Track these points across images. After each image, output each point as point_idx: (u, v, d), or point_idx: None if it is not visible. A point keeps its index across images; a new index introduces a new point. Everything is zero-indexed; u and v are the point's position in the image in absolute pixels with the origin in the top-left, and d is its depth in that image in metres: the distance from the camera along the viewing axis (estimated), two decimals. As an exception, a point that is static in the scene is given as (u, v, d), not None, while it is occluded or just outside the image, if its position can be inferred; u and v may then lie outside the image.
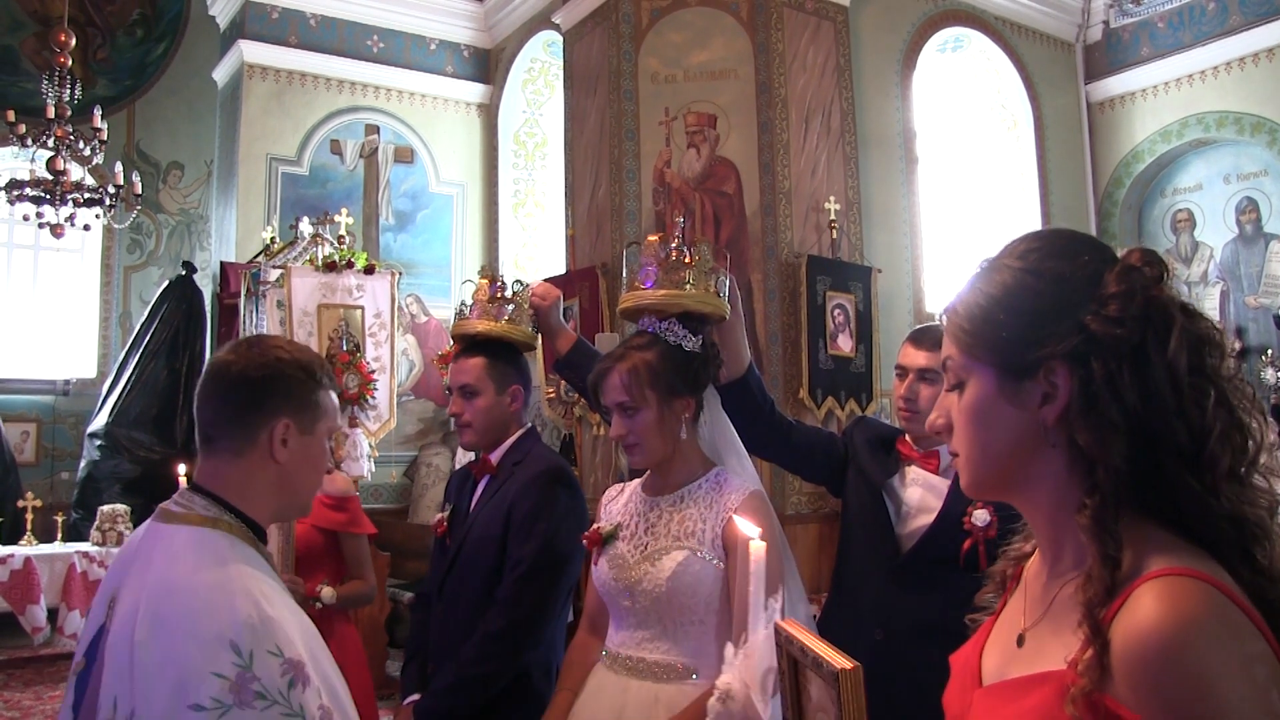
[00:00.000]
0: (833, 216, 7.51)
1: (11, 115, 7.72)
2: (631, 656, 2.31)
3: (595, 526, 2.49)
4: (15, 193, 7.76)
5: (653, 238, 2.60)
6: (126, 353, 9.61)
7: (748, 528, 1.46)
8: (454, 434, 9.18)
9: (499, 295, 3.00)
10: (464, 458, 8.20)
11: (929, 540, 2.69)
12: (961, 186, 9.16)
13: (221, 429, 1.75)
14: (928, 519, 2.74)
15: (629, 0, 7.80)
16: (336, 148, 9.42)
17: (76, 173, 8.18)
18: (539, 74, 10.02)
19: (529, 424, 3.13)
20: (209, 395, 1.77)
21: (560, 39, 8.77)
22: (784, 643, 1.29)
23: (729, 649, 1.51)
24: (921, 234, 8.24)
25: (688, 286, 2.46)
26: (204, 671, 1.49)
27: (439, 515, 3.13)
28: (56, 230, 7.92)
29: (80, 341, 10.54)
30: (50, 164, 7.65)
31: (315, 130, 9.36)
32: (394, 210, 9.57)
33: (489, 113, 10.18)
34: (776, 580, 2.11)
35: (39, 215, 8.08)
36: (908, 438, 2.86)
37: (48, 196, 7.69)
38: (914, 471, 2.82)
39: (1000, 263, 1.25)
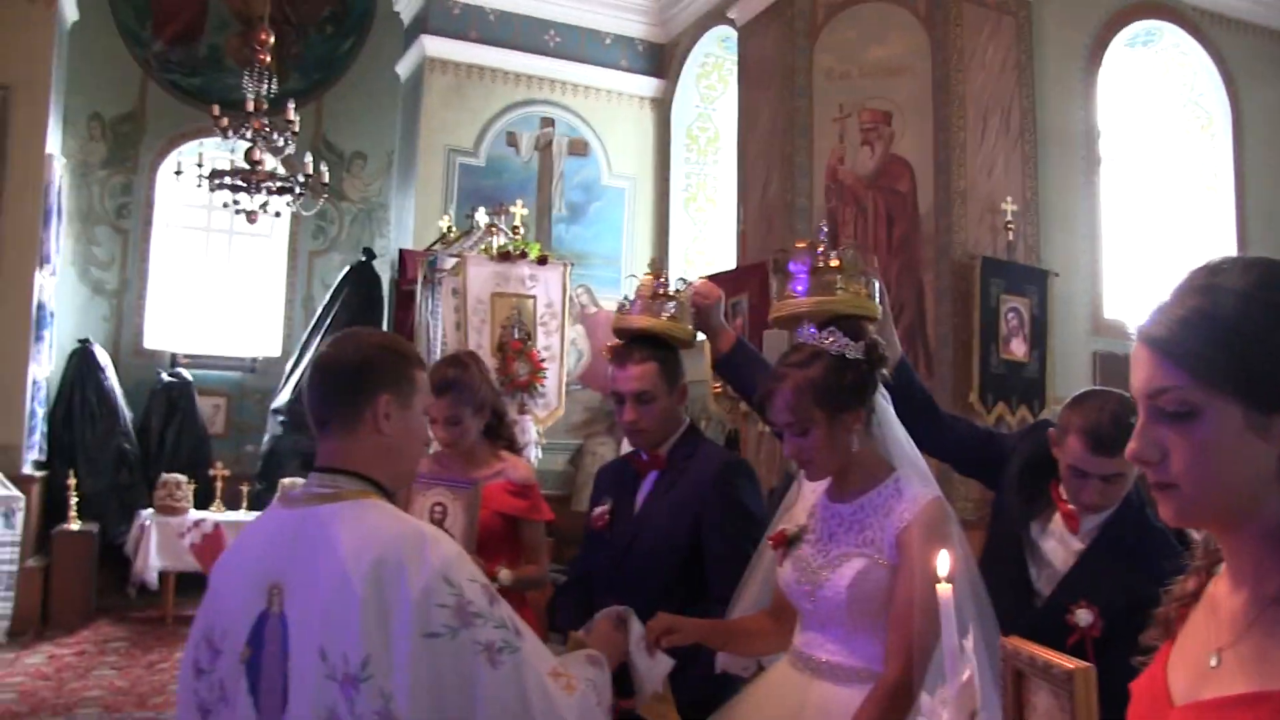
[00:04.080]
0: (1009, 217, 7.34)
1: (216, 110, 8.19)
2: (814, 657, 2.33)
3: (781, 529, 2.51)
4: (216, 181, 8.25)
5: (800, 244, 2.66)
6: (309, 334, 10.10)
7: (941, 564, 1.44)
8: (619, 424, 9.31)
9: (661, 292, 3.02)
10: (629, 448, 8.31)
11: (1039, 623, 2.62)
12: (1148, 188, 8.78)
13: (332, 412, 1.94)
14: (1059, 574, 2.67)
15: (806, -8, 7.76)
16: (512, 140, 9.66)
17: (270, 162, 8.60)
18: (713, 69, 10.05)
19: (687, 418, 3.18)
20: (316, 385, 1.97)
21: (734, 34, 8.78)
22: (1009, 657, 1.28)
23: (924, 698, 1.49)
24: (1102, 237, 7.95)
25: (838, 291, 2.48)
26: (430, 605, 1.72)
27: (600, 509, 3.18)
28: (251, 217, 8.38)
29: (267, 321, 11.09)
30: (248, 154, 8.10)
31: (492, 122, 9.61)
32: (567, 202, 9.76)
33: (662, 107, 10.26)
34: (966, 617, 2.08)
35: (236, 203, 8.56)
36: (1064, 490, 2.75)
37: (244, 185, 8.16)
38: (1056, 522, 2.74)
39: (1249, 291, 1.20)
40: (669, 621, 2.44)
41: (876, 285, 2.59)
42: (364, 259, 10.20)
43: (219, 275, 11.10)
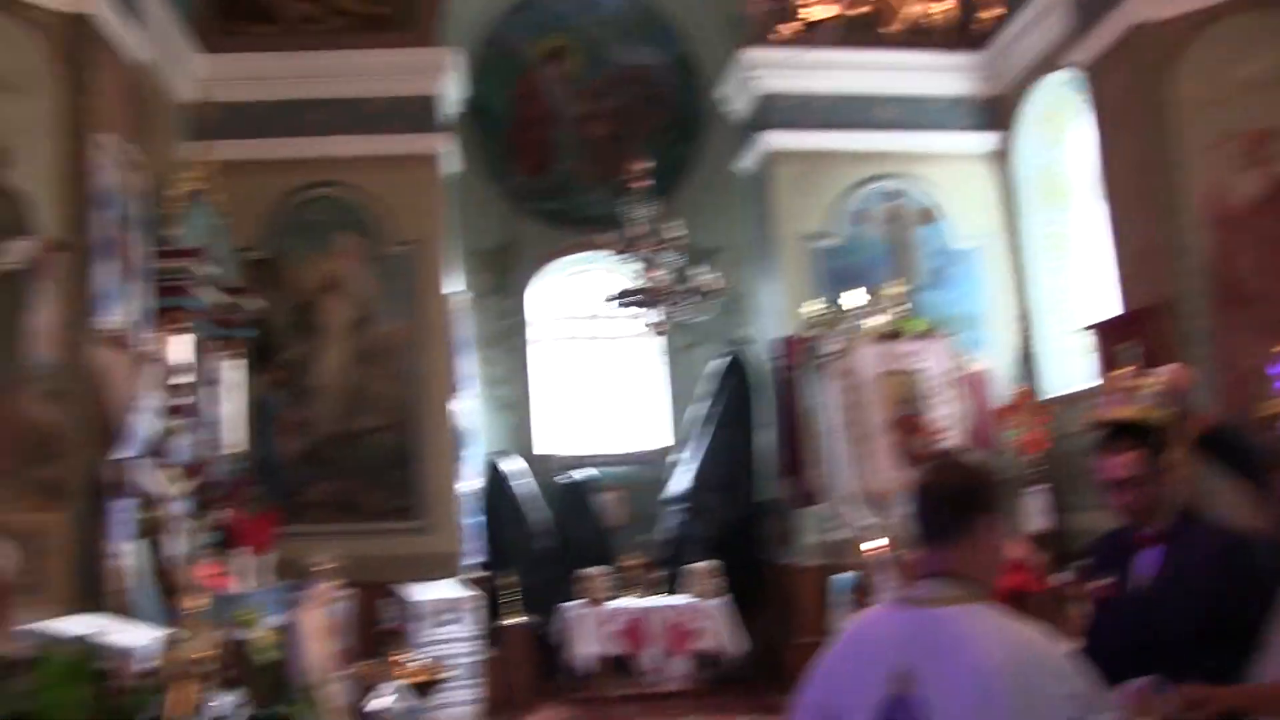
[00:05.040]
0: None
1: (611, 237, 8.98)
2: None
3: None
4: (623, 300, 9.02)
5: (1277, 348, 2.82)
6: (699, 425, 10.84)
7: None
8: (1113, 506, 9.22)
9: (1135, 383, 3.26)
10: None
11: None
12: None
13: (946, 527, 2.28)
14: None
15: (1153, 25, 7.51)
16: (861, 217, 9.95)
17: (661, 276, 9.24)
18: (1053, 114, 9.82)
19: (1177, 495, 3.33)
20: (931, 505, 2.32)
21: (1074, 76, 8.62)
22: None
23: None
24: None
25: None
26: (1064, 698, 2.05)
27: (1105, 580, 3.38)
28: (660, 328, 9.09)
29: (649, 416, 11.95)
30: (647, 273, 8.83)
31: (839, 203, 9.93)
32: (923, 269, 9.91)
33: (1002, 159, 10.20)
34: None
35: (642, 319, 9.24)
36: None
37: (648, 302, 8.87)
38: None
39: None
40: (1202, 693, 2.60)
41: None
42: (736, 349, 10.80)
43: (597, 377, 12.15)
